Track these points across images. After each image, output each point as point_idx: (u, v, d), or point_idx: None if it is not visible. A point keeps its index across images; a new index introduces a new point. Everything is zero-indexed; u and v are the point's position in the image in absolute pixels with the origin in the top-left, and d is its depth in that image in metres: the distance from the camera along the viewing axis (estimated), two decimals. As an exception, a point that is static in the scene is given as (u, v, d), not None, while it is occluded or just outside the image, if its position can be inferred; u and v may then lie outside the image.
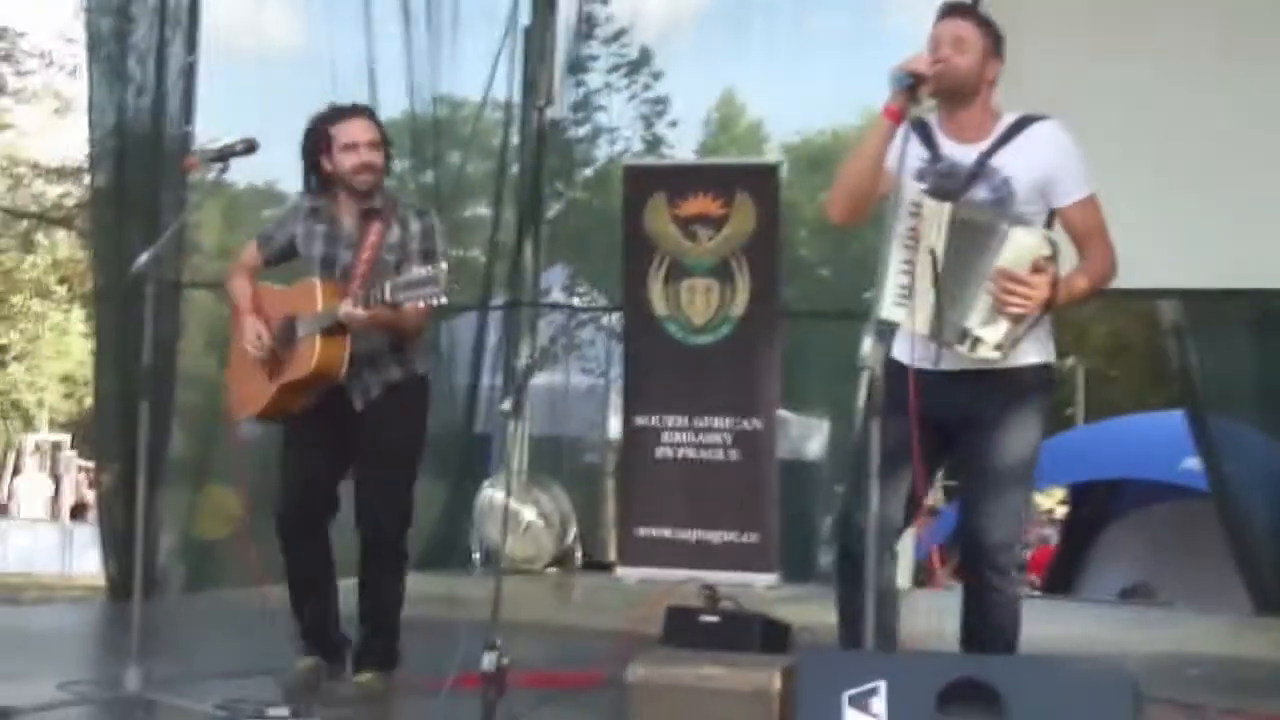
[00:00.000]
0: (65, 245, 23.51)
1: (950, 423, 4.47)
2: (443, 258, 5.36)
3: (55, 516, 24.23)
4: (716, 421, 9.50)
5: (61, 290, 23.97)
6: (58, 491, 26.04)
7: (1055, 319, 4.57)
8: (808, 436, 10.77)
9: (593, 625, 7.70)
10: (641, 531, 9.58)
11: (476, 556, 10.14)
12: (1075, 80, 7.87)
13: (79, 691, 5.24)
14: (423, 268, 5.09)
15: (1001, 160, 4.44)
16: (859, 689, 3.69)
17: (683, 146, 11.90)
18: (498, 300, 10.82)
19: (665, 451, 9.58)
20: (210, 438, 8.94)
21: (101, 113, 8.62)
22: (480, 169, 11.38)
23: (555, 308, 11.39)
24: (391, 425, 5.45)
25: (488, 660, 4.57)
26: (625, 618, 6.71)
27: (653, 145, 11.79)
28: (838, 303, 10.38)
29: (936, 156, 4.50)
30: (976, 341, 4.34)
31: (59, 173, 21.27)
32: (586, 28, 11.29)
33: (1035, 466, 4.54)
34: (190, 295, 9.04)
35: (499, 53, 10.71)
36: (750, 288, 9.55)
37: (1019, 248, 4.29)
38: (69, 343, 26.61)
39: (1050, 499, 19.67)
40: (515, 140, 11.11)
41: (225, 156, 5.42)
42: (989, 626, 4.48)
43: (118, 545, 8.28)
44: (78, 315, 24.33)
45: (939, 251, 4.33)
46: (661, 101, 11.74)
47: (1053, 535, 16.67)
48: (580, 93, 11.40)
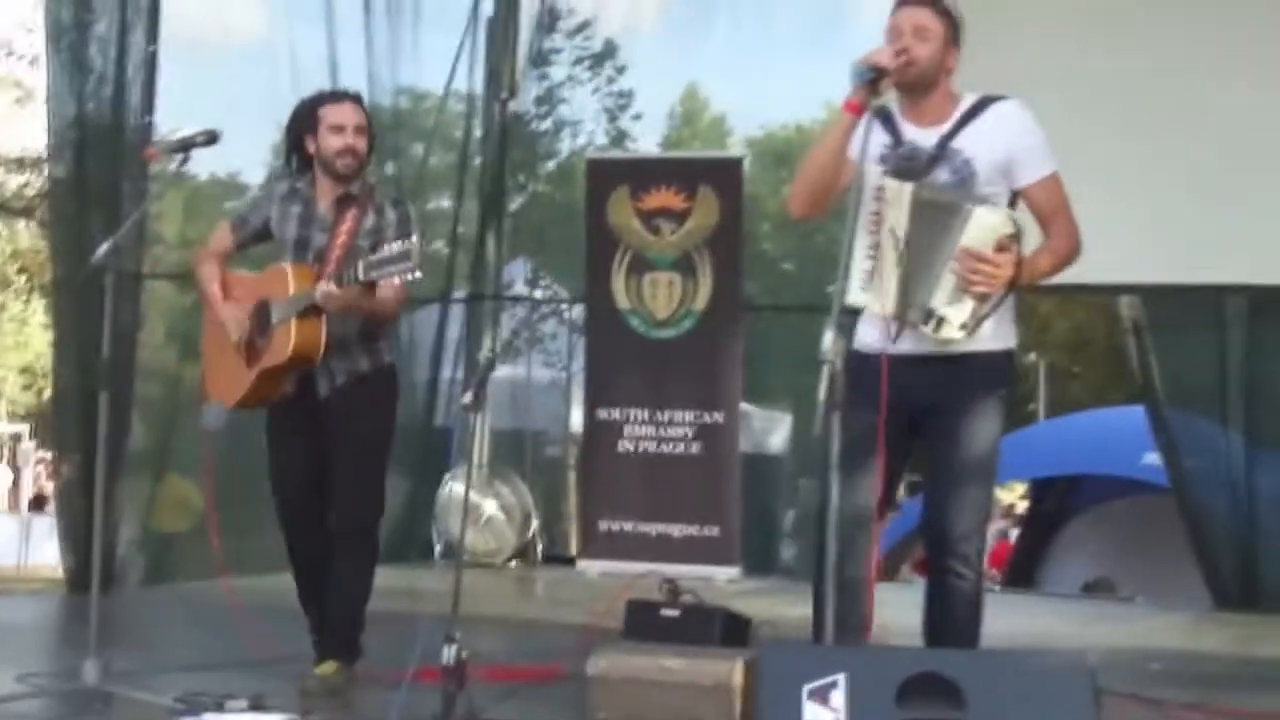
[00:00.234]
0: (25, 235, 23.41)
1: (916, 410, 4.46)
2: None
3: (14, 508, 24.08)
4: (679, 415, 9.50)
5: (21, 281, 23.84)
6: (17, 483, 25.86)
7: (1017, 311, 4.59)
8: (770, 430, 10.78)
9: (554, 619, 7.69)
10: (603, 525, 9.59)
11: (437, 550, 10.13)
12: (1034, 72, 7.86)
13: (37, 684, 5.22)
14: (395, 243, 5.08)
15: (963, 142, 4.45)
16: (818, 683, 3.69)
17: (646, 140, 11.90)
18: (459, 293, 10.77)
19: (627, 445, 9.58)
20: (170, 429, 8.92)
21: (61, 103, 8.55)
22: (443, 161, 11.33)
23: (517, 300, 11.36)
24: (361, 416, 5.44)
25: (448, 653, 4.57)
26: (587, 611, 6.70)
27: (616, 139, 11.79)
28: (800, 297, 10.41)
29: (898, 141, 4.50)
30: (941, 321, 4.35)
31: (19, 163, 21.17)
32: (550, 20, 11.24)
33: (998, 456, 4.54)
34: (151, 286, 9.00)
35: (461, 45, 10.66)
36: (713, 281, 9.54)
37: (982, 227, 4.30)
38: (29, 334, 26.44)
39: (1011, 494, 19.73)
40: (478, 133, 11.07)
41: (186, 147, 5.41)
42: (952, 619, 4.48)
43: (77, 537, 8.23)
44: (37, 306, 24.19)
45: (901, 233, 4.33)
46: (625, 95, 11.74)
47: (1013, 530, 16.72)
48: (543, 86, 11.37)
